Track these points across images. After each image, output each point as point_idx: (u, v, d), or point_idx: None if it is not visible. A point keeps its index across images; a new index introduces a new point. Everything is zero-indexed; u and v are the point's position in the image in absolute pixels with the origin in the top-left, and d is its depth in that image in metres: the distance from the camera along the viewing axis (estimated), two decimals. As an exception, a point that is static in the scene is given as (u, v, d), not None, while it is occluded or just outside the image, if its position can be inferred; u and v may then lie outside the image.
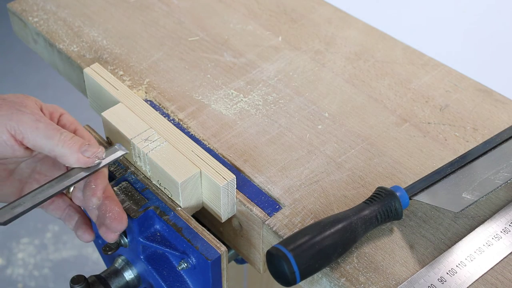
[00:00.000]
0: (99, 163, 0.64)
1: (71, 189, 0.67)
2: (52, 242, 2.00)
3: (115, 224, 0.63)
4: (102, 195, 0.63)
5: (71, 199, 0.69)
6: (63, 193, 0.69)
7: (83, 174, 0.63)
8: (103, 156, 0.64)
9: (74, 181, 0.63)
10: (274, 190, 0.69)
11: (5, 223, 0.60)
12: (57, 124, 0.66)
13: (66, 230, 2.03)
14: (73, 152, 0.62)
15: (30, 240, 2.00)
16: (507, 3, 1.39)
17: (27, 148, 0.64)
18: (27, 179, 0.68)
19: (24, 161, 0.68)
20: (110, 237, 0.65)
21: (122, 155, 0.66)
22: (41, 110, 0.65)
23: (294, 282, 0.59)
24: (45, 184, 0.63)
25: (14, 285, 1.88)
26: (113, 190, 0.67)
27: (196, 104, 0.79)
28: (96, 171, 0.64)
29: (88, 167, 0.63)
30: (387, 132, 0.76)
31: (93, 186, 0.63)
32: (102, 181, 0.63)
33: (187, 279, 0.67)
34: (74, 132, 0.66)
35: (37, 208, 0.62)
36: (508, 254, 0.63)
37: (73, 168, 0.63)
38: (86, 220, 0.68)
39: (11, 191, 0.68)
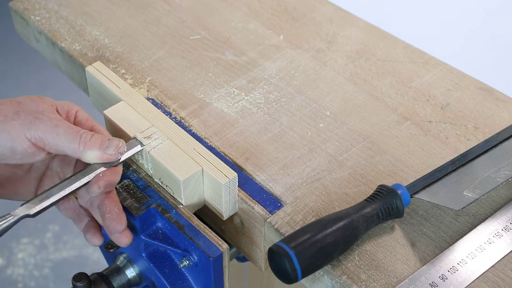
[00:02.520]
0: (120, 158, 0.65)
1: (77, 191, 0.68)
2: (52, 242, 2.00)
3: (114, 225, 0.64)
4: (103, 186, 0.63)
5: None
6: (74, 195, 0.69)
7: (104, 168, 0.64)
8: (125, 150, 0.65)
9: (97, 173, 0.64)
10: (276, 188, 0.69)
11: (34, 215, 0.61)
12: (74, 122, 0.67)
13: (66, 230, 2.03)
14: (95, 152, 0.63)
15: (30, 240, 2.00)
16: (508, 2, 1.39)
17: (48, 152, 0.64)
18: (41, 177, 0.69)
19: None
20: (124, 241, 0.65)
21: (141, 149, 0.67)
22: (57, 111, 0.65)
23: (296, 280, 0.59)
24: (69, 177, 0.64)
25: (14, 285, 1.88)
26: (115, 187, 0.67)
27: (197, 103, 0.79)
28: (117, 165, 0.65)
29: (109, 162, 0.64)
30: (388, 131, 0.76)
31: (100, 175, 0.63)
32: (111, 174, 0.64)
33: (189, 277, 0.67)
34: (91, 128, 0.66)
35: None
36: (509, 252, 0.63)
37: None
38: (95, 224, 0.68)
39: (28, 189, 0.68)
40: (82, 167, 0.66)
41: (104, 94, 0.76)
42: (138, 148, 0.67)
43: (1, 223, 0.59)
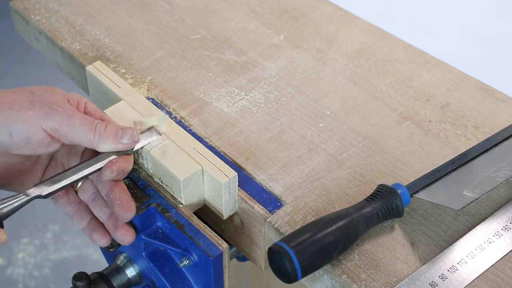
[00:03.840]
0: (134, 146, 0.65)
1: (79, 183, 0.68)
2: (52, 242, 2.00)
3: (123, 212, 0.63)
4: (116, 171, 0.63)
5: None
6: (73, 188, 0.69)
7: (115, 156, 0.65)
8: (139, 138, 0.66)
9: (108, 160, 0.64)
10: (276, 188, 0.69)
11: (45, 196, 0.62)
12: (84, 112, 0.67)
13: (66, 230, 2.03)
14: (110, 142, 0.64)
15: (30, 240, 2.00)
16: (507, 2, 1.40)
17: (62, 144, 0.64)
18: (46, 167, 0.69)
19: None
20: (126, 239, 0.65)
21: (157, 138, 0.68)
22: (69, 102, 0.66)
23: (296, 279, 0.59)
24: (82, 162, 0.64)
25: (14, 285, 1.88)
26: None
27: (198, 102, 0.79)
28: (130, 154, 0.65)
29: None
30: (388, 130, 0.76)
31: (113, 161, 0.64)
32: (124, 160, 0.64)
33: (188, 276, 0.67)
34: (101, 119, 0.67)
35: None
36: (509, 252, 0.63)
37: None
38: (98, 223, 0.68)
39: (34, 180, 0.68)
40: (89, 157, 0.66)
41: (104, 94, 0.76)
42: (152, 137, 0.68)
43: (13, 201, 0.60)
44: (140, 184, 0.70)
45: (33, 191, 0.61)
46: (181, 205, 0.67)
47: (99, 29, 0.90)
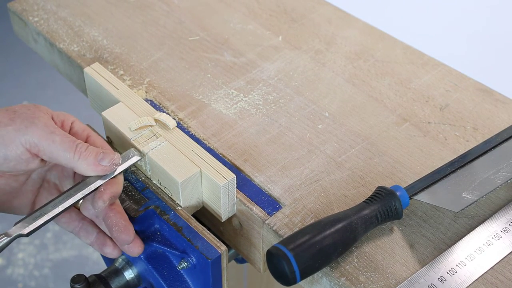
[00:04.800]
0: (115, 170, 0.64)
1: (80, 201, 0.67)
2: (52, 242, 2.00)
3: (122, 237, 0.63)
4: (108, 200, 0.62)
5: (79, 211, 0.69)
6: (75, 206, 0.69)
7: (100, 181, 0.63)
8: (120, 162, 0.64)
9: (92, 189, 0.63)
10: (274, 190, 0.69)
11: (27, 234, 0.61)
12: (70, 132, 0.66)
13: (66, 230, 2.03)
14: (90, 163, 0.62)
15: (30, 240, 2.00)
16: (507, 3, 1.39)
17: (41, 160, 0.63)
18: (38, 190, 0.68)
19: (34, 171, 0.67)
20: (135, 251, 0.65)
21: (138, 160, 0.66)
22: (53, 119, 0.65)
23: (294, 282, 0.59)
24: (62, 194, 0.63)
25: (14, 285, 1.88)
26: None
27: (196, 104, 0.79)
28: (113, 177, 0.64)
29: (105, 174, 0.63)
30: (387, 132, 0.76)
31: (102, 190, 0.63)
32: (112, 186, 0.63)
33: (187, 279, 0.67)
34: (87, 139, 0.66)
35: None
36: (508, 254, 0.63)
37: (90, 176, 0.64)
38: (106, 236, 0.68)
39: (24, 202, 0.68)
40: (81, 179, 0.65)
41: (103, 95, 0.76)
42: (134, 159, 0.66)
43: None
44: (138, 186, 0.69)
45: (14, 230, 0.60)
46: (180, 207, 0.67)
47: (97, 31, 0.90)
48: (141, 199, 0.68)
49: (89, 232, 0.67)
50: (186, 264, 0.65)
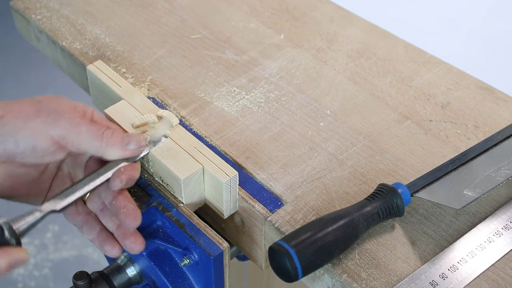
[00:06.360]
0: (141, 152, 0.65)
1: (87, 195, 0.68)
2: (52, 242, 2.00)
3: (129, 220, 0.63)
4: (125, 180, 0.63)
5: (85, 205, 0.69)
6: (81, 199, 0.69)
7: (125, 163, 0.64)
8: (146, 143, 0.65)
9: (117, 168, 0.64)
10: (276, 187, 0.69)
11: (60, 210, 0.62)
12: (91, 121, 0.67)
13: (66, 230, 2.03)
14: (118, 148, 0.63)
15: (30, 240, 2.00)
16: (508, 1, 1.40)
17: (69, 151, 0.64)
18: (53, 179, 0.68)
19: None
20: (136, 248, 0.65)
21: (162, 142, 0.68)
22: (76, 111, 0.65)
23: (296, 278, 0.60)
24: (91, 173, 0.64)
25: (14, 285, 1.88)
26: None
27: (198, 101, 0.79)
28: (138, 160, 0.65)
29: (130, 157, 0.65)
30: (389, 130, 0.76)
31: (122, 170, 0.63)
32: (132, 168, 0.64)
33: (189, 275, 0.67)
34: (108, 127, 0.66)
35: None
36: (509, 251, 0.64)
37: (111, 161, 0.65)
38: (110, 234, 0.67)
39: (40, 191, 0.68)
40: (94, 167, 0.66)
41: (105, 93, 0.76)
42: (160, 142, 0.67)
43: (29, 219, 0.60)
44: (140, 183, 0.70)
45: (47, 206, 0.61)
46: (182, 204, 0.67)
47: (99, 29, 0.90)
48: (144, 196, 0.68)
49: (92, 228, 0.67)
50: (188, 261, 0.65)
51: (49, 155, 0.63)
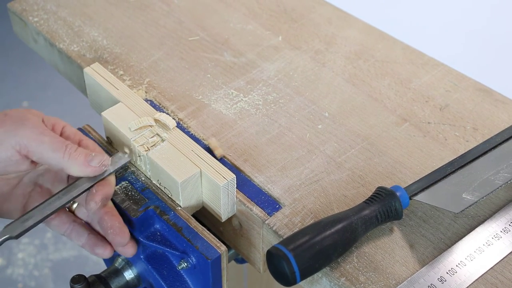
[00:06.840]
0: (105, 172, 0.64)
1: (75, 205, 0.67)
2: (52, 242, 2.00)
3: (118, 239, 0.64)
4: (100, 201, 0.62)
5: (74, 214, 0.69)
6: (66, 208, 0.69)
7: (89, 183, 0.64)
8: (109, 163, 0.64)
9: (81, 191, 0.63)
10: (274, 190, 0.69)
11: (16, 236, 0.61)
12: (61, 135, 0.66)
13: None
14: (80, 164, 0.62)
15: (30, 240, 2.00)
16: (507, 3, 1.39)
17: (31, 161, 0.64)
18: (29, 193, 0.68)
19: (26, 175, 0.67)
20: (129, 252, 0.66)
21: (127, 162, 0.67)
22: (43, 121, 0.65)
23: (294, 282, 0.59)
24: (52, 196, 0.63)
25: (14, 285, 1.88)
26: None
27: (196, 104, 0.79)
28: (102, 179, 0.64)
29: (95, 176, 0.64)
30: (387, 132, 0.76)
31: (94, 191, 0.63)
32: (104, 187, 0.63)
33: (187, 279, 0.67)
34: (79, 142, 0.66)
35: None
36: (508, 254, 0.63)
37: (79, 179, 0.64)
38: (100, 236, 0.68)
39: (14, 206, 0.68)
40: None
41: (102, 96, 0.76)
42: (123, 161, 0.67)
43: None
44: (138, 186, 0.69)
45: (3, 233, 0.60)
46: (180, 208, 0.67)
47: (97, 31, 0.90)
48: (141, 199, 0.68)
49: (80, 234, 0.67)
50: (186, 264, 0.65)
51: (12, 165, 0.63)
